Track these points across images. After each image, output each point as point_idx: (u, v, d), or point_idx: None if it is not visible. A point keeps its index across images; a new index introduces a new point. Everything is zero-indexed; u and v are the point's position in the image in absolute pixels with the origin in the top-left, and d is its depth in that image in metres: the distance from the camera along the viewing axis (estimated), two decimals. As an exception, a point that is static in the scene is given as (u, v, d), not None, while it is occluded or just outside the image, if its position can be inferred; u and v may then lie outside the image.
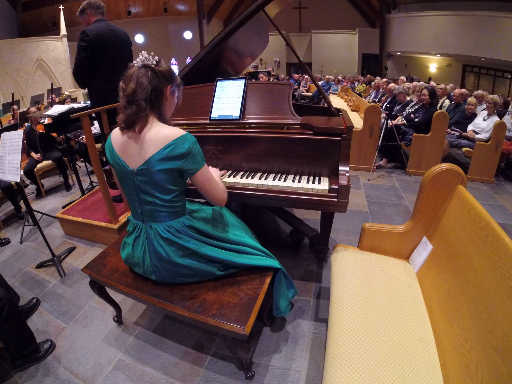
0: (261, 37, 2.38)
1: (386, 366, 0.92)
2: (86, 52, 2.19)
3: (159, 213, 1.15)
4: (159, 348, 1.51)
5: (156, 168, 1.05)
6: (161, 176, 1.07)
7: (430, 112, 3.58)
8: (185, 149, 1.04)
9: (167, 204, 1.13)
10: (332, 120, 1.53)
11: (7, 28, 10.24)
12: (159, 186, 1.09)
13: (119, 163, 1.11)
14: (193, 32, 14.90)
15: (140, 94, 1.02)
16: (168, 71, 1.08)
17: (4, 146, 1.95)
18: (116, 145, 1.12)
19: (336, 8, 14.37)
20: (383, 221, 2.67)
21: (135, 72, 1.03)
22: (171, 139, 1.04)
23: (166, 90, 1.09)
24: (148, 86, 1.03)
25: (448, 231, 1.22)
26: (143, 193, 1.12)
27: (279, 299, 1.38)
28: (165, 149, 1.03)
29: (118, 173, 1.16)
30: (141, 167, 1.06)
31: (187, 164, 1.07)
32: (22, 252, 2.47)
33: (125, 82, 1.05)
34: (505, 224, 2.57)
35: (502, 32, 9.02)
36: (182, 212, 1.21)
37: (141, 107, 1.03)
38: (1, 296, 1.31)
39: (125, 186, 1.17)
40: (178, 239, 1.16)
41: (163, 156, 1.04)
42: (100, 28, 2.25)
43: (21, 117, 5.17)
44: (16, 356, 1.40)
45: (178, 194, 1.15)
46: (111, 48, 2.28)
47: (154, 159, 1.04)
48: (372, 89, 7.25)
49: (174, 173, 1.08)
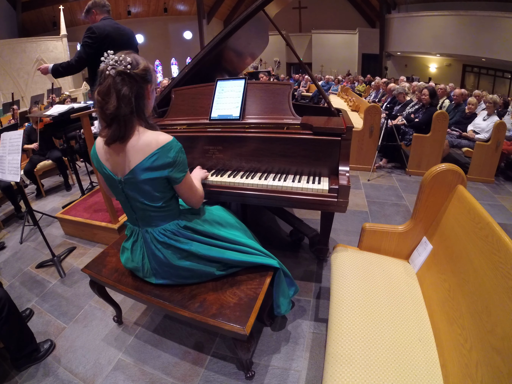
0: (261, 37, 2.38)
1: (386, 366, 0.92)
2: (91, 49, 2.16)
3: (153, 218, 1.13)
4: (159, 348, 1.51)
5: (141, 177, 1.01)
6: (147, 185, 1.03)
7: (430, 112, 3.58)
8: (171, 158, 1.00)
9: (159, 209, 1.11)
10: (332, 120, 1.53)
11: (7, 28, 10.23)
12: (147, 194, 1.06)
13: (106, 173, 1.07)
14: (193, 32, 14.90)
15: (125, 108, 0.93)
16: (145, 69, 0.99)
17: (4, 146, 1.95)
18: (100, 154, 1.07)
19: (336, 8, 14.37)
20: (383, 221, 2.67)
21: (111, 84, 0.93)
22: (156, 148, 0.98)
23: (147, 91, 1.02)
24: (131, 96, 0.94)
25: (448, 231, 1.22)
26: (133, 200, 1.10)
27: (279, 297, 1.37)
28: (150, 157, 0.99)
29: (107, 181, 1.13)
30: (127, 176, 1.03)
31: (174, 173, 1.04)
32: (22, 252, 2.46)
33: (101, 95, 0.94)
34: (505, 224, 2.56)
35: (502, 32, 9.03)
36: (177, 214, 1.19)
37: (128, 121, 0.96)
38: (1, 296, 1.31)
39: (116, 194, 1.15)
40: (175, 241, 1.15)
41: (148, 165, 0.99)
42: (107, 26, 2.23)
43: (21, 117, 5.18)
44: (16, 356, 1.40)
45: (168, 199, 1.13)
46: (117, 47, 2.25)
47: (139, 168, 0.99)
48: (372, 89, 7.25)
49: (160, 181, 1.05)
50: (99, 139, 1.07)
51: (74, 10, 11.60)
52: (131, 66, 0.95)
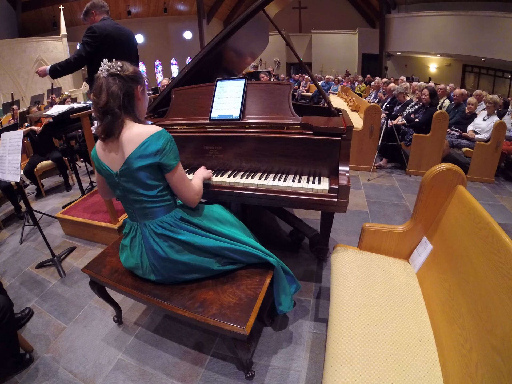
0: (261, 37, 2.38)
1: (386, 366, 0.92)
2: (91, 48, 2.18)
3: (149, 210, 1.17)
4: (159, 348, 1.51)
5: (134, 166, 1.08)
6: (141, 173, 1.09)
7: (430, 112, 3.58)
8: (160, 145, 1.07)
9: (155, 199, 1.16)
10: (332, 120, 1.53)
11: (7, 28, 10.23)
12: (142, 183, 1.12)
13: (104, 169, 1.15)
14: (193, 32, 14.90)
15: (114, 103, 1.05)
16: (134, 72, 1.11)
17: (4, 146, 1.95)
18: (100, 153, 1.16)
19: (336, 8, 14.37)
20: (383, 221, 2.67)
21: (103, 83, 1.06)
22: (146, 137, 1.07)
23: (136, 91, 1.13)
24: (119, 93, 1.06)
25: (448, 231, 1.22)
26: (130, 193, 1.15)
27: (280, 294, 1.37)
28: (141, 146, 1.06)
29: (107, 179, 1.20)
30: (122, 168, 1.10)
31: (165, 159, 1.09)
32: (22, 252, 2.46)
33: (95, 94, 1.08)
34: (505, 224, 2.56)
35: (502, 32, 9.03)
36: (173, 205, 1.23)
37: (116, 115, 1.06)
38: (3, 304, 1.30)
39: (115, 190, 1.21)
40: (172, 232, 1.18)
41: (140, 153, 1.07)
42: (108, 25, 2.25)
43: (21, 117, 5.17)
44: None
45: (163, 189, 1.17)
46: (117, 46, 2.27)
47: (132, 158, 1.07)
48: (372, 89, 7.25)
49: (153, 169, 1.11)
50: (98, 141, 1.18)
51: (74, 10, 11.60)
52: (121, 69, 1.08)
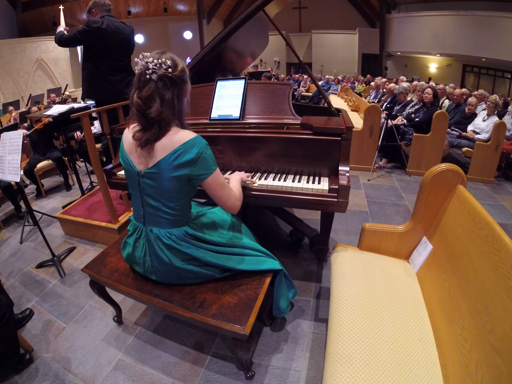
0: (261, 37, 2.38)
1: (386, 366, 0.92)
2: (82, 36, 2.30)
3: (161, 219, 1.12)
4: (159, 348, 1.51)
5: (165, 174, 1.01)
6: (170, 183, 1.03)
7: (430, 111, 3.57)
8: (194, 154, 0.99)
9: (171, 211, 1.10)
10: (332, 120, 1.53)
11: (7, 28, 10.23)
12: (166, 192, 1.06)
13: (127, 162, 1.09)
14: (193, 32, 14.88)
15: (167, 112, 0.96)
16: (183, 70, 1.00)
17: (4, 146, 1.95)
18: (126, 144, 1.10)
19: (336, 8, 14.36)
20: (383, 221, 2.67)
21: (154, 90, 0.94)
22: (179, 144, 0.99)
23: (185, 90, 1.04)
24: (174, 101, 0.97)
25: (448, 231, 1.22)
26: (148, 196, 1.09)
27: (279, 299, 1.38)
28: (172, 154, 0.99)
29: (126, 172, 1.14)
30: (149, 170, 1.03)
31: (196, 170, 1.02)
32: (22, 252, 2.46)
33: (143, 100, 0.95)
34: (505, 224, 2.56)
35: (502, 32, 9.04)
36: (185, 221, 1.18)
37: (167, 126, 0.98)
38: (3, 304, 1.29)
39: (131, 186, 1.16)
40: (179, 246, 1.15)
41: (171, 162, 0.99)
42: (104, 22, 2.32)
43: (21, 117, 5.17)
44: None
45: (183, 203, 1.12)
46: (111, 43, 2.35)
47: (163, 164, 1.00)
48: (372, 89, 7.25)
49: (183, 180, 1.04)
50: (127, 131, 1.09)
51: (74, 10, 11.60)
52: (171, 69, 0.96)
